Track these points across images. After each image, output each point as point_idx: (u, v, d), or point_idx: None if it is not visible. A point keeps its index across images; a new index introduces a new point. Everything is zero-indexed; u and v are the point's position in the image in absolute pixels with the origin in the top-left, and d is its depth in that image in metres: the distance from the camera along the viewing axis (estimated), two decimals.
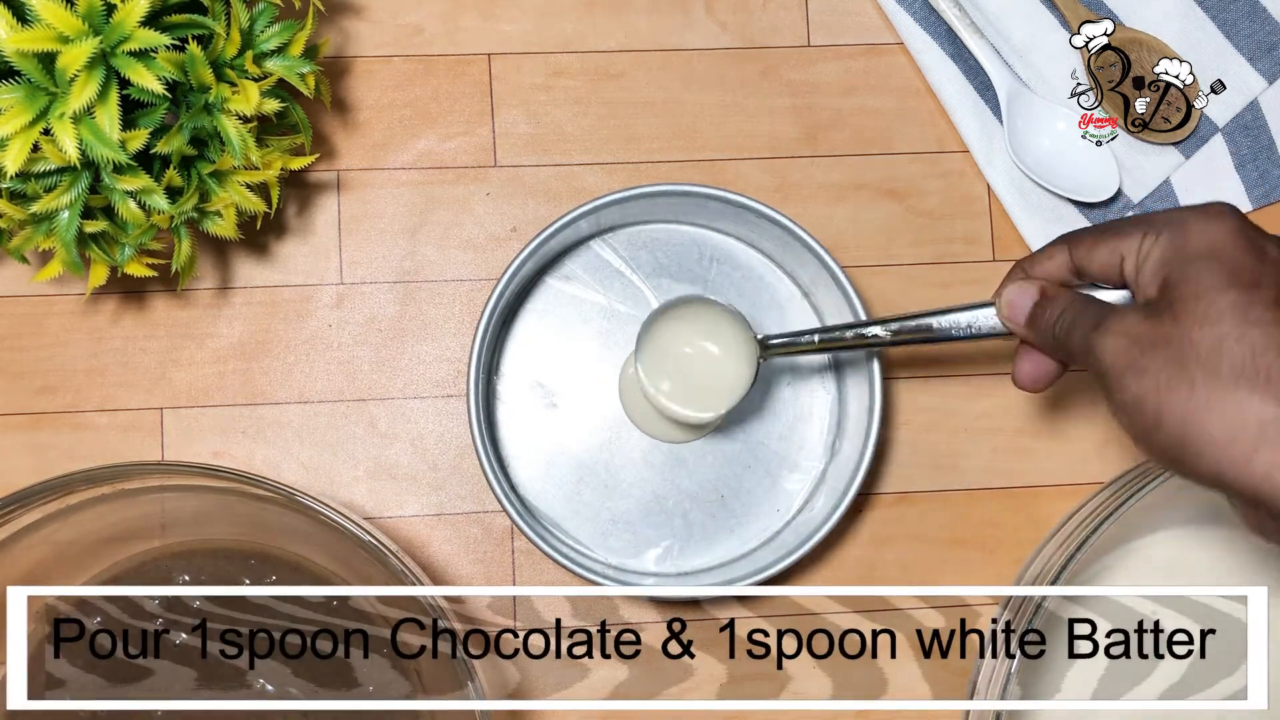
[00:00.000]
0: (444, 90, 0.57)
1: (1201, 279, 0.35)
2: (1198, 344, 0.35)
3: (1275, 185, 0.59)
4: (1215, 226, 0.36)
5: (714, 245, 0.56)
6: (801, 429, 0.56)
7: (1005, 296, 0.43)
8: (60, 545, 0.49)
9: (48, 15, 0.42)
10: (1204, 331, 0.35)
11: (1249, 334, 0.34)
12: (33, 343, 0.55)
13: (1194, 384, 0.34)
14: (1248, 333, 0.34)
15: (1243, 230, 0.36)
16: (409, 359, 0.56)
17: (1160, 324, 0.36)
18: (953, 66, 0.58)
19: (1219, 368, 0.34)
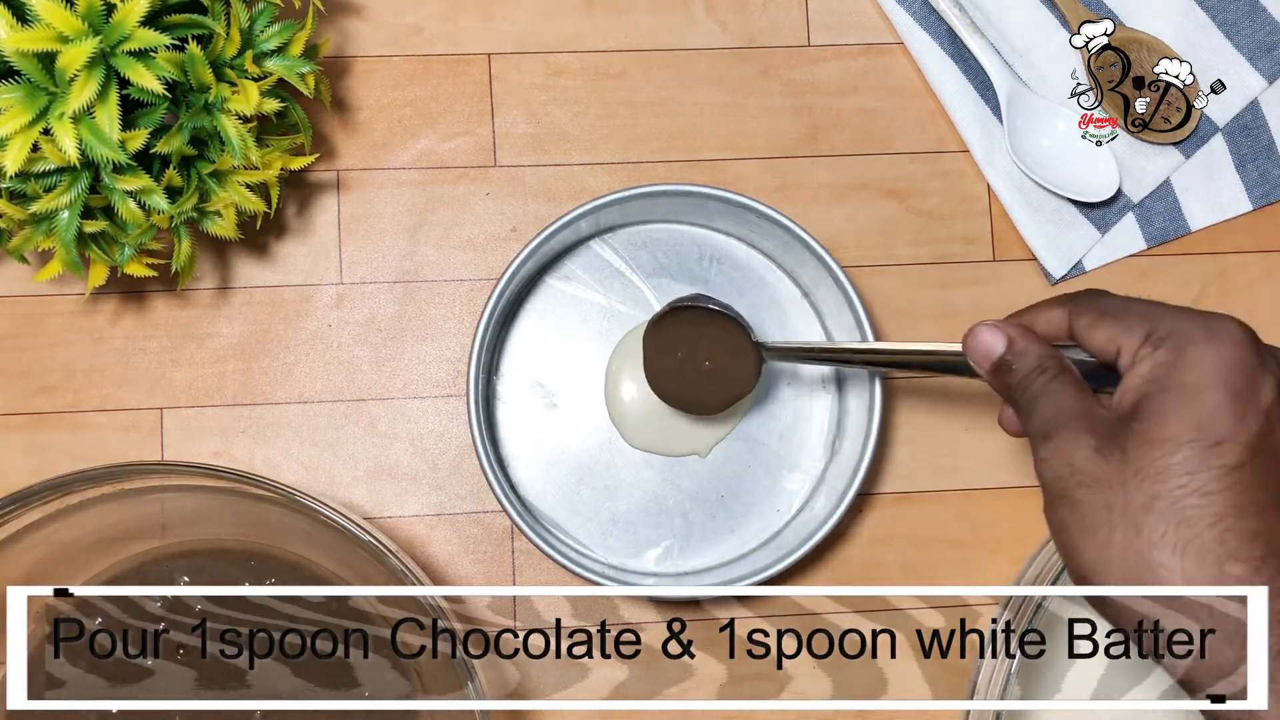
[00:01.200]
0: (444, 90, 0.57)
1: (1167, 423, 0.34)
2: (1130, 498, 0.34)
3: (1275, 185, 0.59)
4: (1211, 356, 0.34)
5: (714, 245, 0.56)
6: (801, 429, 0.56)
7: (975, 336, 0.40)
8: (60, 545, 0.49)
9: (48, 15, 0.42)
10: (1142, 486, 0.34)
11: (1185, 501, 0.33)
12: (33, 343, 0.55)
13: (1112, 537, 0.34)
14: (1185, 499, 0.33)
15: (1238, 367, 0.34)
16: (409, 359, 0.56)
17: (1106, 462, 0.35)
18: (953, 66, 0.58)
19: (1142, 528, 0.34)
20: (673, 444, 0.55)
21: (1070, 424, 0.36)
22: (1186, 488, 0.33)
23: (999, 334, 0.40)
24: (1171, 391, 0.34)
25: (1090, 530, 0.35)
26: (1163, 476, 0.33)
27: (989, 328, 0.40)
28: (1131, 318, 0.37)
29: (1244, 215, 0.59)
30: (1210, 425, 0.34)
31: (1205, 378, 0.34)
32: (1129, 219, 0.58)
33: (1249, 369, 0.34)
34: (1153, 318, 0.36)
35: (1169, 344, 0.35)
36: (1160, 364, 0.35)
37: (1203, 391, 0.34)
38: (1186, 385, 0.34)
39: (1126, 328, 0.37)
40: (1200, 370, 0.34)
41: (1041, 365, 0.38)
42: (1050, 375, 0.38)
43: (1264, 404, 0.34)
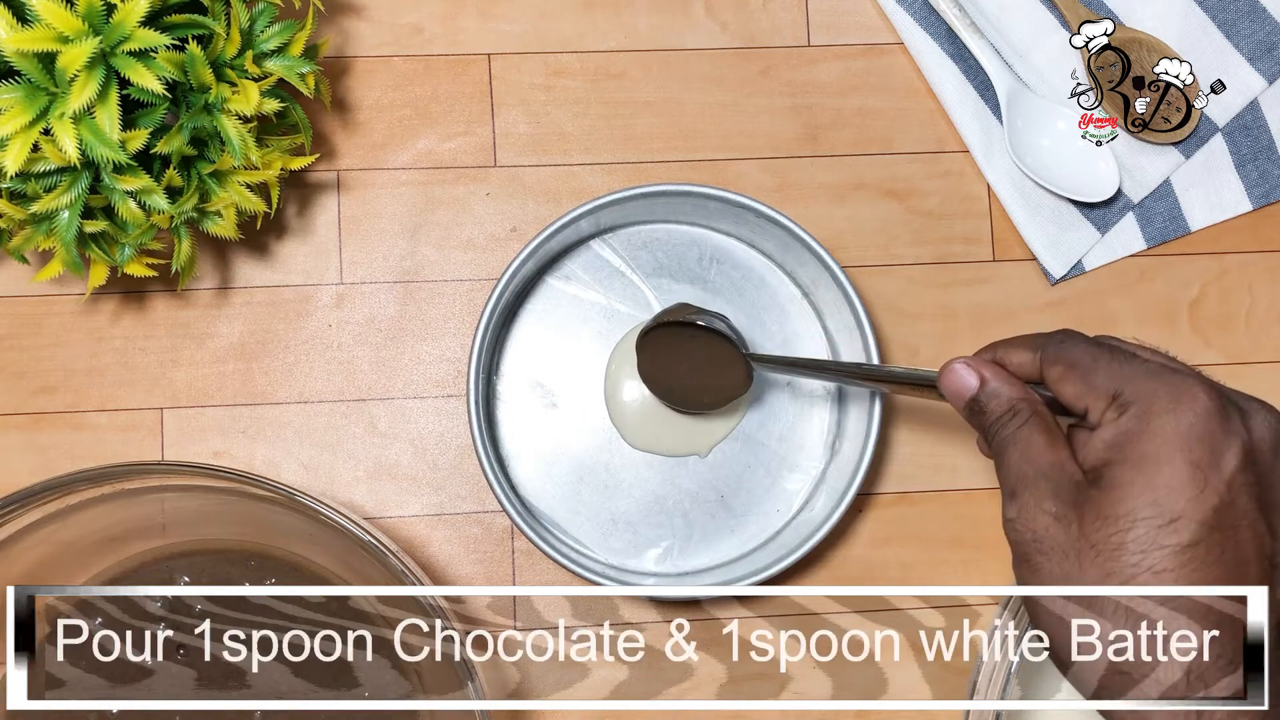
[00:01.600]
0: (444, 90, 0.57)
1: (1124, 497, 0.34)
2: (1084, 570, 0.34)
3: (1275, 185, 0.59)
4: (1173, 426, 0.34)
5: (714, 245, 0.56)
6: (801, 429, 0.56)
7: (949, 373, 0.40)
8: (60, 545, 0.49)
9: (48, 15, 0.42)
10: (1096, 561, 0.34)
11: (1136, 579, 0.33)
12: (33, 343, 0.55)
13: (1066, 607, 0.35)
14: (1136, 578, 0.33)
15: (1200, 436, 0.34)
16: (409, 359, 0.56)
17: (1065, 531, 0.35)
18: (953, 66, 0.58)
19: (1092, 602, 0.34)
20: (673, 444, 0.55)
21: (1035, 485, 0.36)
22: (1139, 566, 0.33)
23: (972, 372, 0.39)
24: (1131, 463, 0.34)
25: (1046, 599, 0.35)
26: (1116, 554, 0.34)
27: (963, 365, 0.40)
28: (1099, 376, 0.36)
29: (1244, 215, 0.59)
30: (1167, 501, 0.33)
31: (1165, 450, 0.33)
32: (1129, 219, 0.58)
33: (1212, 438, 0.34)
34: (1121, 379, 0.35)
35: (1133, 410, 0.35)
36: (1123, 431, 0.35)
37: (1161, 465, 0.33)
38: (1145, 457, 0.34)
39: (1093, 387, 0.36)
40: (1161, 441, 0.34)
41: (1013, 408, 0.38)
42: (1021, 420, 0.38)
43: (1226, 474, 0.33)
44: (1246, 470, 0.34)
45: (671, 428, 0.55)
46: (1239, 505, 0.33)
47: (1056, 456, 0.36)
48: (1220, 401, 0.34)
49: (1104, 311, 0.58)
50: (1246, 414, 0.35)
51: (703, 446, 0.55)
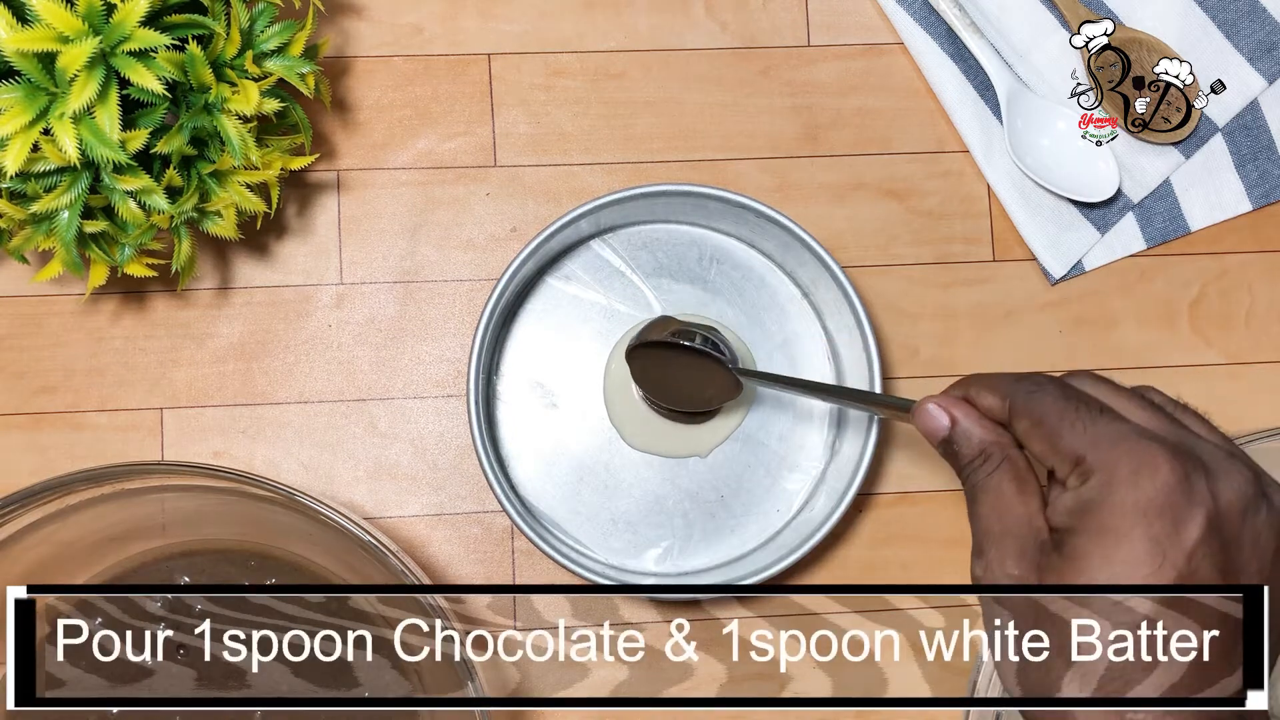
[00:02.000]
0: (444, 90, 0.57)
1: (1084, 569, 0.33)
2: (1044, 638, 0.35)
3: (1275, 185, 0.59)
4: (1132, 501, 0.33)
5: (714, 245, 0.56)
6: (801, 429, 0.56)
7: (922, 412, 0.40)
8: (60, 545, 0.49)
9: (48, 15, 0.42)
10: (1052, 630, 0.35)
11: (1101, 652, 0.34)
12: (33, 343, 0.55)
13: (1025, 666, 0.36)
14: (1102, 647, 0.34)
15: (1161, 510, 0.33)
16: (409, 359, 0.56)
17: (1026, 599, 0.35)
18: (953, 66, 0.58)
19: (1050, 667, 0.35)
20: (673, 446, 0.55)
21: (1001, 541, 0.36)
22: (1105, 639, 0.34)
23: (943, 413, 0.39)
24: (1091, 534, 0.33)
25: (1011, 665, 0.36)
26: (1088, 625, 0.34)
27: (935, 405, 0.39)
28: (1064, 438, 0.35)
29: (1244, 215, 0.59)
30: (1124, 577, 0.33)
31: (1124, 523, 0.33)
32: (1129, 219, 0.58)
33: (1174, 510, 0.33)
34: (1085, 443, 0.35)
35: (1095, 479, 0.34)
36: (1084, 500, 0.34)
37: (1120, 539, 0.33)
38: (1105, 530, 0.33)
39: (1057, 449, 0.35)
40: (1120, 515, 0.33)
41: (984, 452, 0.37)
42: (991, 466, 0.37)
43: (1187, 547, 0.33)
44: (1209, 540, 0.33)
45: (671, 429, 0.55)
46: (1200, 576, 0.33)
47: (1026, 509, 0.36)
48: (1184, 470, 0.33)
49: (1104, 311, 0.58)
50: (1214, 477, 0.34)
51: (703, 447, 0.55)
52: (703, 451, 0.55)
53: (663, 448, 0.55)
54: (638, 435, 0.55)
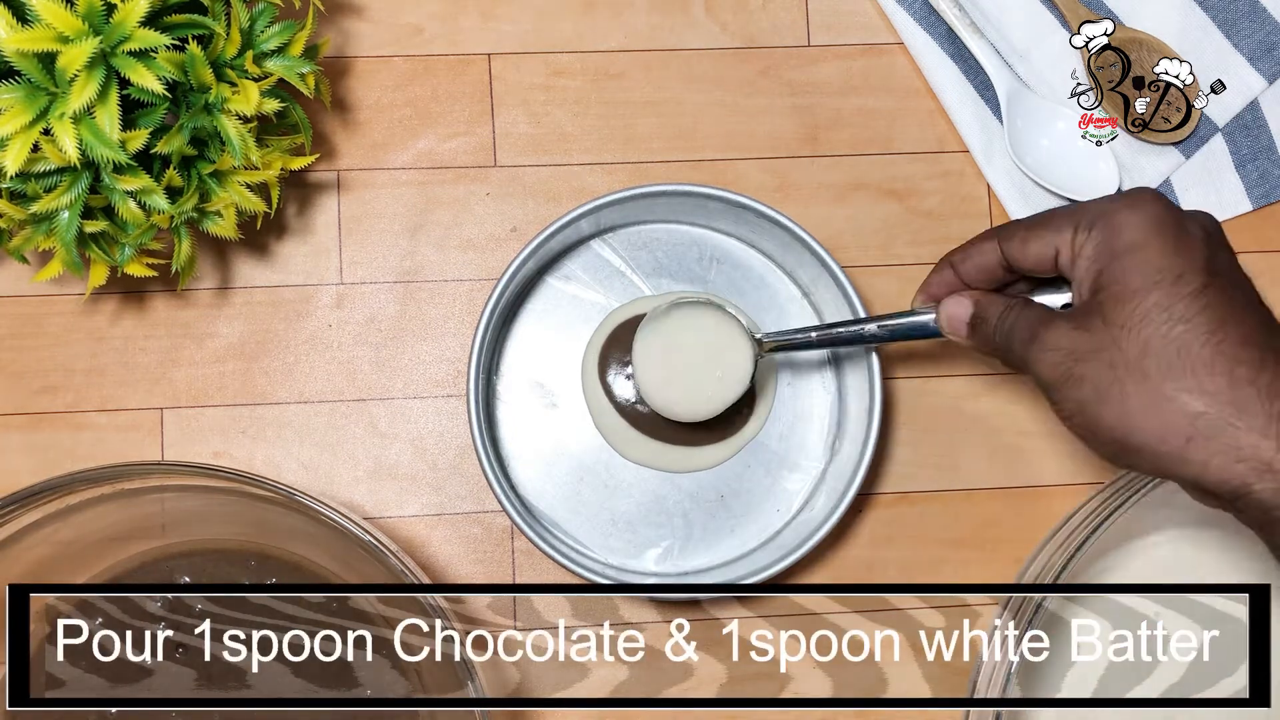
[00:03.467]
0: (444, 90, 0.57)
1: (1129, 279, 0.37)
2: (1126, 350, 0.37)
3: (1275, 185, 0.59)
4: (1139, 218, 0.38)
5: (714, 245, 0.56)
6: (801, 429, 0.56)
7: (943, 312, 0.45)
8: (60, 545, 0.49)
9: (48, 15, 0.42)
10: (1131, 336, 0.37)
11: (1173, 332, 0.36)
12: (33, 343, 0.55)
13: (1125, 390, 0.37)
14: (1172, 331, 0.36)
15: (1164, 219, 0.38)
16: (409, 359, 0.56)
17: (1091, 332, 0.38)
18: (953, 66, 0.58)
19: (1147, 370, 0.36)
20: (672, 462, 0.55)
21: (1047, 321, 0.40)
22: (1170, 320, 0.36)
23: (964, 299, 0.44)
24: (1120, 255, 0.38)
25: (1104, 397, 0.37)
26: (1146, 320, 0.37)
27: (954, 298, 0.45)
28: (1057, 218, 0.40)
29: (1244, 215, 0.59)
30: (1166, 265, 0.37)
31: (1142, 234, 0.38)
32: None
33: (1174, 216, 0.38)
34: (1073, 214, 0.40)
35: (1099, 224, 0.39)
36: (1099, 242, 0.39)
37: (1146, 245, 0.38)
38: (1131, 245, 0.38)
39: (1055, 229, 0.40)
40: (1135, 230, 0.38)
41: (1008, 304, 0.42)
42: (1018, 309, 0.42)
43: (1198, 238, 0.38)
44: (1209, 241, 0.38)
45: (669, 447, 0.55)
46: (1219, 261, 0.38)
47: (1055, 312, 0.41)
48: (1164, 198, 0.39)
49: None
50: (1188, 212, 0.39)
51: (705, 464, 0.55)
52: (704, 466, 0.55)
53: (660, 463, 0.55)
54: (632, 447, 0.55)
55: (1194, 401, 0.36)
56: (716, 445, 0.55)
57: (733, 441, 0.55)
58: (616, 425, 0.55)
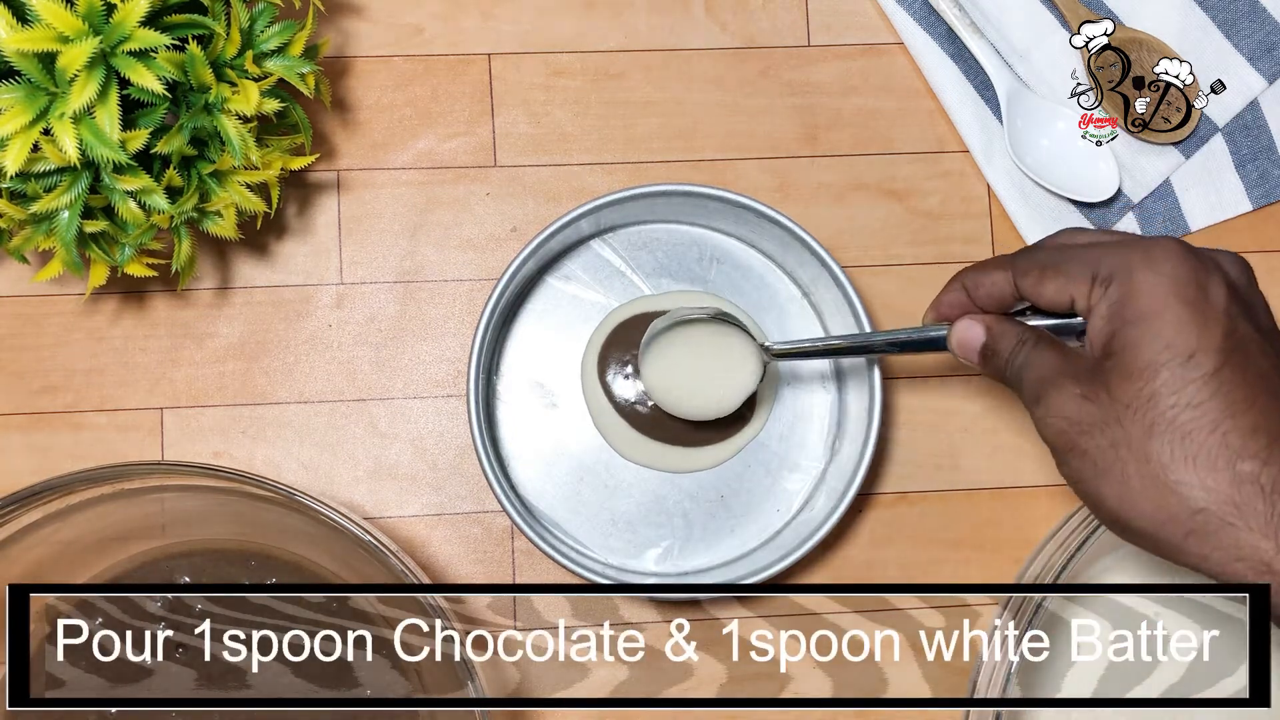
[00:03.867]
0: (444, 90, 0.57)
1: (1139, 352, 0.36)
2: (1130, 430, 0.36)
3: (1275, 185, 0.59)
4: (1156, 280, 0.36)
5: (714, 245, 0.56)
6: (801, 429, 0.56)
7: (955, 334, 0.44)
8: (60, 545, 0.49)
9: (48, 15, 0.42)
10: (1136, 417, 0.35)
11: (1179, 419, 0.35)
12: (33, 343, 0.55)
13: (1126, 471, 0.36)
14: (1178, 417, 0.35)
15: (1184, 282, 0.36)
16: (409, 359, 0.56)
17: (1097, 405, 0.36)
18: (953, 66, 0.58)
19: (1149, 455, 0.35)
20: (672, 463, 0.55)
21: (1056, 380, 0.38)
22: (1177, 406, 0.35)
23: (977, 324, 0.43)
24: (1133, 323, 0.36)
25: (1105, 472, 0.36)
26: (1152, 403, 0.35)
27: (966, 321, 0.43)
28: (1073, 265, 0.38)
29: (1244, 215, 0.59)
30: (1179, 341, 0.35)
31: (1158, 301, 0.36)
32: (1129, 219, 0.58)
33: (1196, 277, 0.36)
34: (1092, 261, 0.38)
35: (1116, 281, 0.37)
36: (1114, 302, 0.37)
37: (1162, 313, 0.36)
38: (1144, 312, 0.36)
39: (1070, 276, 0.38)
40: (1152, 295, 0.36)
41: (1021, 339, 0.41)
42: (1030, 346, 0.40)
43: (1219, 306, 0.36)
44: (1234, 300, 0.36)
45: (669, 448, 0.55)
46: (1240, 330, 0.36)
47: (1068, 357, 0.39)
48: (1189, 249, 0.37)
49: None
50: (1215, 258, 0.37)
51: (705, 464, 0.55)
52: (705, 466, 0.55)
53: (662, 464, 0.55)
54: (634, 448, 0.55)
55: (1194, 495, 0.35)
56: (717, 446, 0.55)
57: (733, 442, 0.55)
58: (616, 425, 0.55)
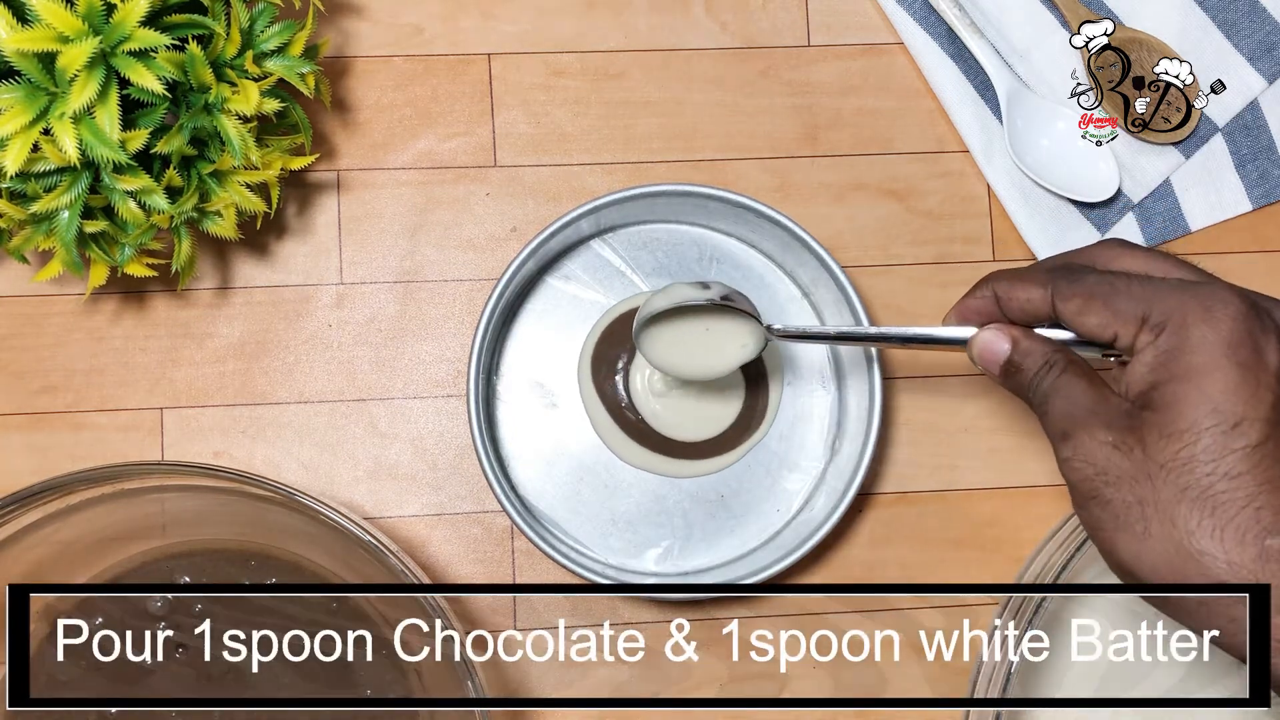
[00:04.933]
0: (444, 90, 0.57)
1: (1182, 411, 0.34)
2: (1159, 491, 0.34)
3: (1275, 185, 0.59)
4: (1212, 337, 0.34)
5: (714, 245, 0.56)
6: (801, 429, 0.56)
7: (979, 343, 0.41)
8: (60, 545, 0.49)
9: (48, 15, 0.42)
10: (1169, 479, 0.34)
11: (1214, 488, 0.33)
12: (33, 343, 0.55)
13: (1149, 529, 0.34)
14: (1213, 486, 0.33)
15: (1240, 341, 0.34)
16: (409, 359, 0.56)
17: (1128, 458, 0.35)
18: (953, 66, 0.58)
19: (1176, 519, 0.33)
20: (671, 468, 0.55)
21: (1086, 421, 0.36)
22: (1214, 474, 0.33)
23: (1003, 336, 0.40)
24: (1180, 379, 0.34)
25: (1125, 526, 0.35)
26: (1188, 467, 0.33)
27: (992, 331, 0.40)
28: (1122, 301, 0.36)
29: (1244, 215, 0.59)
30: (1226, 406, 0.33)
31: (1211, 359, 0.34)
32: (1129, 219, 0.58)
33: (1253, 338, 0.34)
34: (1145, 299, 0.36)
35: (1169, 329, 0.35)
36: (1164, 351, 0.35)
37: (1212, 373, 0.33)
38: (1194, 370, 0.34)
39: (1118, 313, 0.36)
40: (1205, 352, 0.34)
41: (1049, 361, 0.38)
42: (1058, 371, 0.38)
43: (1274, 368, 0.34)
44: None
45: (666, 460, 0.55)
46: None
47: (1100, 394, 0.36)
48: (1250, 301, 0.34)
49: None
50: (1272, 310, 0.35)
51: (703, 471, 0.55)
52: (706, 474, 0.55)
53: (661, 468, 0.55)
54: (632, 453, 0.55)
55: (1217, 568, 0.33)
56: (710, 459, 0.55)
57: (731, 455, 0.55)
58: (613, 430, 0.55)
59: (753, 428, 0.55)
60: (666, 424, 0.55)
